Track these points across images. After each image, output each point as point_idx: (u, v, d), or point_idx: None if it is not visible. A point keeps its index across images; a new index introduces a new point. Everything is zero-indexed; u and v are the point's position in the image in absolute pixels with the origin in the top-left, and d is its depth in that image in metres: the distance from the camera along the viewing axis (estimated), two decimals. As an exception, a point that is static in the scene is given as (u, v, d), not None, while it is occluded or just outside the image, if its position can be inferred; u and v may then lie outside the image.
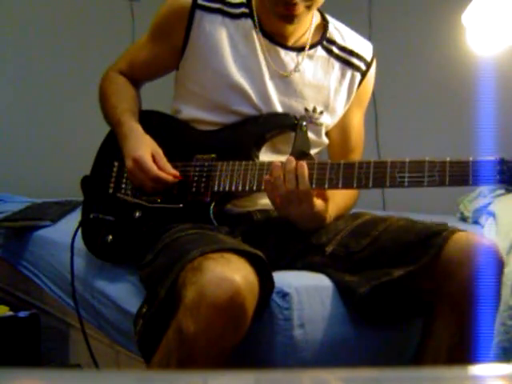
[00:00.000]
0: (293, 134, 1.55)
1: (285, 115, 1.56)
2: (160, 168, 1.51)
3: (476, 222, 2.39)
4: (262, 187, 1.45)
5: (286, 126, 1.55)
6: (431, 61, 2.99)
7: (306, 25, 1.59)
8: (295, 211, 1.42)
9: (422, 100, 3.10)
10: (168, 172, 1.51)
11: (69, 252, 1.63)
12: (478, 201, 2.44)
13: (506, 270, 1.70)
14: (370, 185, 1.37)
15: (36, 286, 2.04)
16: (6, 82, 3.01)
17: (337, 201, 1.54)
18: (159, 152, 1.53)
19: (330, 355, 1.38)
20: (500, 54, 2.51)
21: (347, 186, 1.40)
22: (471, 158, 1.29)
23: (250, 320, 1.21)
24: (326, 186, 1.40)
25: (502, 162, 1.27)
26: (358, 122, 1.69)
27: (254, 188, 1.47)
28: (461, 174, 1.29)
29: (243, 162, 1.49)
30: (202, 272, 1.18)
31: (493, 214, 2.19)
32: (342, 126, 1.66)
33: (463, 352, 1.30)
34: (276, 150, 1.57)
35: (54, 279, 1.94)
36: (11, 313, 1.89)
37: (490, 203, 2.32)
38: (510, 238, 1.85)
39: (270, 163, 1.46)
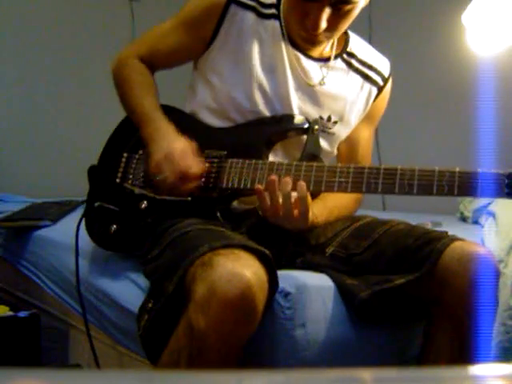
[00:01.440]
0: (305, 138, 1.56)
1: (297, 117, 1.56)
2: (187, 166, 1.47)
3: (476, 222, 2.40)
4: None
5: (298, 128, 1.56)
6: (431, 61, 2.99)
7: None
8: (288, 225, 1.43)
9: (421, 100, 3.10)
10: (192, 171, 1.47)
11: (69, 252, 1.63)
12: (478, 201, 2.44)
13: (506, 270, 1.71)
14: (379, 190, 1.37)
15: (36, 286, 2.04)
16: (5, 83, 3.01)
17: (329, 207, 1.56)
18: (190, 151, 1.50)
19: (331, 355, 1.39)
20: (500, 54, 2.51)
21: (356, 190, 1.40)
22: (480, 170, 1.30)
23: (261, 316, 1.21)
24: (335, 189, 1.40)
25: (510, 176, 1.28)
26: (366, 137, 1.70)
27: (262, 187, 1.47)
28: (469, 185, 1.30)
29: (253, 161, 1.49)
30: (212, 267, 1.18)
31: (493, 214, 2.19)
32: (350, 140, 1.68)
33: (462, 359, 1.31)
34: (288, 154, 1.58)
35: (54, 279, 1.94)
36: (11, 313, 1.89)
37: (490, 203, 2.32)
38: (510, 238, 1.85)
39: (279, 163, 1.46)
